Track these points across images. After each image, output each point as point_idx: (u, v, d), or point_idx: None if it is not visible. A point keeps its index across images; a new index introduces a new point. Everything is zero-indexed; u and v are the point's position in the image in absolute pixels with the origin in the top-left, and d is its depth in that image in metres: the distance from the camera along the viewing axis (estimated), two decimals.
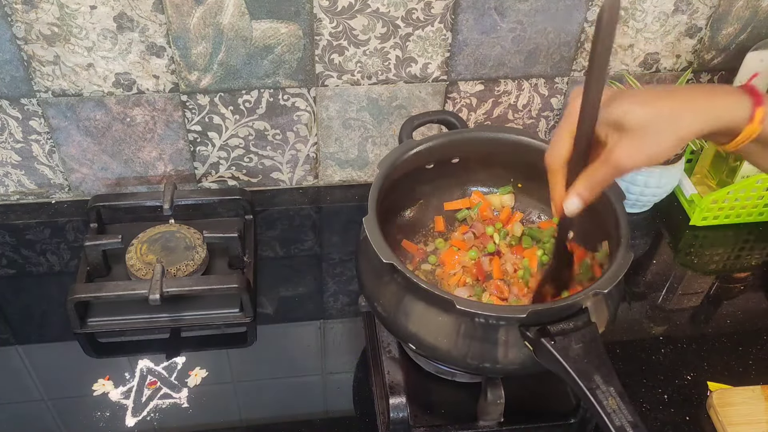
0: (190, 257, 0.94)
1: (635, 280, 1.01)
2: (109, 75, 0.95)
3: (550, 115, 1.10)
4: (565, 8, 0.98)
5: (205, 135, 1.04)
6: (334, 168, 1.12)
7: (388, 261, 0.68)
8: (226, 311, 0.92)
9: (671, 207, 1.12)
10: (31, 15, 0.88)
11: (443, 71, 1.02)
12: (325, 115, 1.05)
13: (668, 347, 0.91)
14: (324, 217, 1.10)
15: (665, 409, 0.84)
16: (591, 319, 0.67)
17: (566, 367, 0.63)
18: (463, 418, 0.79)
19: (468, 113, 1.08)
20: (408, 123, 0.86)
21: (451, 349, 0.69)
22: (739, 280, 1.02)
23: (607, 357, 0.64)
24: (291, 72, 0.99)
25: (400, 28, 0.96)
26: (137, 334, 0.91)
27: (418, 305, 0.70)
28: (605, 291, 0.67)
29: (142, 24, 0.91)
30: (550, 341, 0.64)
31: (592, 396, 0.61)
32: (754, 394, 0.84)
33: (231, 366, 0.88)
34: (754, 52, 1.01)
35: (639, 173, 1.03)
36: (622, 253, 0.71)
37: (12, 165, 1.03)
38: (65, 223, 1.06)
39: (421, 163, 0.84)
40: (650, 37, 1.03)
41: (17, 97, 0.96)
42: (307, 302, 0.96)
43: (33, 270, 0.99)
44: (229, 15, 0.92)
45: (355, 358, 0.89)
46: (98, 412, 0.81)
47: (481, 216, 0.90)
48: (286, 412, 0.83)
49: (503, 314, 0.67)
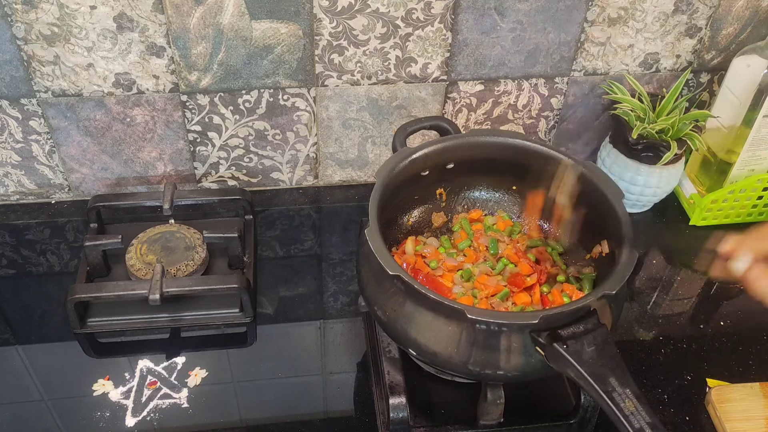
0: (190, 257, 0.94)
1: (635, 279, 1.01)
2: (109, 75, 0.95)
3: (550, 115, 1.10)
4: (565, 8, 0.98)
5: (205, 135, 1.04)
6: (334, 168, 1.12)
7: (394, 273, 0.68)
8: (226, 311, 0.92)
9: (671, 207, 1.12)
10: (31, 15, 0.88)
11: (443, 71, 1.02)
12: (325, 115, 1.05)
13: (668, 347, 0.91)
14: (324, 217, 1.10)
15: (665, 409, 0.84)
16: (600, 321, 0.67)
17: (581, 371, 0.62)
18: (463, 418, 0.79)
19: (468, 113, 1.08)
20: (401, 131, 0.86)
21: (452, 356, 0.69)
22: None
23: (620, 358, 0.64)
24: (291, 72, 0.99)
25: (400, 28, 0.96)
26: (137, 334, 0.91)
27: (421, 312, 0.70)
28: (613, 292, 0.67)
29: (142, 24, 0.91)
30: (563, 345, 0.64)
31: (609, 399, 0.61)
32: (752, 390, 0.84)
33: (231, 366, 0.88)
34: (741, 57, 1.00)
35: (639, 173, 1.03)
36: (627, 253, 0.71)
37: (12, 165, 1.03)
38: (65, 223, 1.06)
39: (417, 170, 0.84)
40: (650, 37, 1.03)
41: (17, 97, 0.96)
42: (307, 302, 0.96)
43: (33, 270, 0.99)
44: (229, 15, 0.92)
45: (355, 358, 0.89)
46: (98, 412, 0.81)
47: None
48: (286, 412, 0.83)
49: (515, 321, 0.67)
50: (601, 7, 0.98)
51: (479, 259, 0.86)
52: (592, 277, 0.83)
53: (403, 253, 0.86)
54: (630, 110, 1.02)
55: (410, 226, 0.90)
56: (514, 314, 0.73)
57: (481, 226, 0.90)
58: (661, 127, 1.00)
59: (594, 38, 1.02)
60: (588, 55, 1.03)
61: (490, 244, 0.87)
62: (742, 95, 0.99)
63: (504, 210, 0.92)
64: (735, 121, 1.01)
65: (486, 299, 0.81)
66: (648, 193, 1.06)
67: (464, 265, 0.85)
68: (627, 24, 1.01)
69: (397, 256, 0.85)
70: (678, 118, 1.00)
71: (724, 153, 1.05)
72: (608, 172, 1.03)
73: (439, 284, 0.81)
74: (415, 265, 0.84)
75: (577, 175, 0.81)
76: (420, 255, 0.86)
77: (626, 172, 1.04)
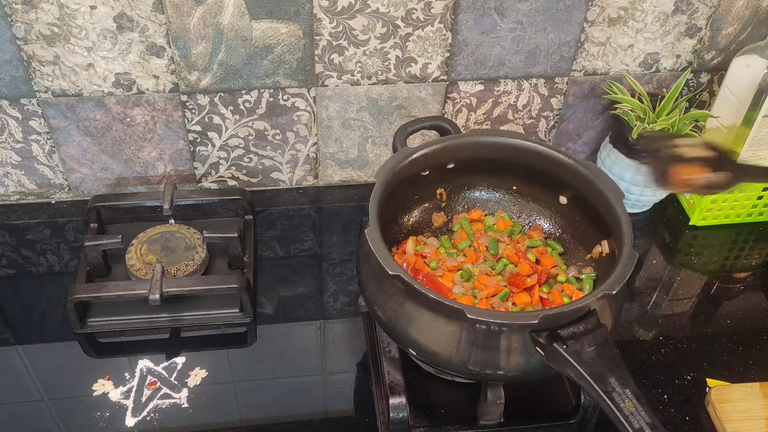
0: (190, 257, 0.94)
1: (635, 279, 1.01)
2: (109, 75, 0.95)
3: (550, 115, 1.10)
4: (565, 8, 0.98)
5: (205, 135, 1.04)
6: (334, 168, 1.12)
7: (394, 273, 0.68)
8: (226, 311, 0.92)
9: (671, 207, 1.12)
10: (31, 15, 0.88)
11: (443, 71, 1.02)
12: (325, 115, 1.05)
13: (668, 347, 0.91)
14: (324, 217, 1.10)
15: (665, 409, 0.84)
16: (600, 321, 0.67)
17: (581, 371, 0.62)
18: (463, 418, 0.79)
19: (468, 113, 1.08)
20: (401, 131, 0.86)
21: (452, 356, 0.69)
22: (739, 280, 1.02)
23: (620, 358, 0.64)
24: (291, 72, 0.99)
25: (400, 28, 0.96)
26: (137, 334, 0.91)
27: (421, 312, 0.70)
28: (613, 292, 0.67)
29: (142, 24, 0.91)
30: (563, 345, 0.64)
31: (608, 399, 0.61)
32: (752, 390, 0.84)
33: (231, 366, 0.88)
34: (741, 57, 1.00)
35: (639, 173, 1.03)
36: (627, 253, 0.71)
37: (12, 165, 1.03)
38: (65, 223, 1.06)
39: (417, 170, 0.84)
40: (650, 37, 1.03)
41: (17, 97, 0.96)
42: (307, 302, 0.96)
43: (33, 270, 0.99)
44: (229, 15, 0.92)
45: (355, 358, 0.89)
46: (98, 412, 0.82)
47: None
48: (286, 412, 0.83)
49: (515, 321, 0.67)
50: (601, 7, 0.98)
51: (479, 259, 0.86)
52: (592, 277, 0.83)
53: (404, 253, 0.86)
54: (630, 110, 1.02)
55: (410, 226, 0.90)
56: (514, 314, 0.73)
57: (482, 226, 0.90)
58: (661, 127, 1.00)
59: (594, 38, 1.02)
60: (588, 55, 1.03)
61: (490, 244, 0.87)
62: (742, 95, 0.99)
63: (504, 210, 0.92)
64: (735, 121, 1.01)
65: (486, 299, 0.81)
66: (648, 193, 1.06)
67: (464, 265, 0.85)
68: (627, 24, 1.01)
69: (397, 256, 0.85)
70: (678, 118, 1.00)
71: None
72: (608, 172, 1.03)
73: (439, 284, 0.81)
74: (415, 265, 0.84)
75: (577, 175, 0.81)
76: (420, 255, 0.86)
77: (626, 172, 1.04)
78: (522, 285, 0.82)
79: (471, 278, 0.83)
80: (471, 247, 0.88)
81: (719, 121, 1.04)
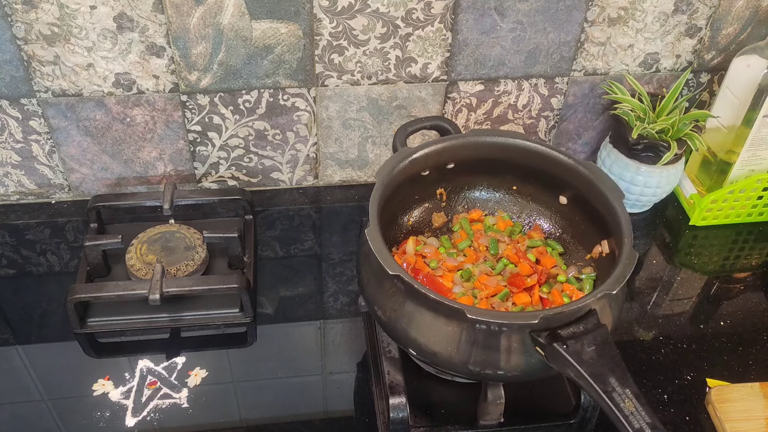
0: (190, 257, 0.94)
1: (635, 279, 1.01)
2: (109, 75, 0.95)
3: (550, 115, 1.10)
4: (565, 8, 0.98)
5: (205, 135, 1.04)
6: (334, 168, 1.12)
7: (394, 273, 0.68)
8: (226, 311, 0.92)
9: (671, 207, 1.12)
10: (31, 15, 0.88)
11: (443, 71, 1.02)
12: (325, 115, 1.05)
13: (668, 347, 0.91)
14: (324, 217, 1.10)
15: (665, 409, 0.84)
16: (600, 321, 0.67)
17: (581, 371, 0.62)
18: (463, 418, 0.79)
19: (468, 113, 1.08)
20: (401, 131, 0.86)
21: (452, 356, 0.69)
22: (739, 280, 1.02)
23: (620, 358, 0.64)
24: (291, 72, 0.99)
25: (400, 28, 0.96)
26: (137, 334, 0.91)
27: (421, 312, 0.70)
28: (613, 292, 0.67)
29: (142, 24, 0.91)
30: (563, 345, 0.64)
31: (608, 399, 0.61)
32: (752, 390, 0.84)
33: (231, 366, 0.88)
34: (741, 57, 1.00)
35: (639, 173, 1.03)
36: (627, 253, 0.71)
37: (12, 165, 1.03)
38: (65, 223, 1.06)
39: (417, 170, 0.84)
40: (650, 37, 1.03)
41: (17, 97, 0.96)
42: (307, 302, 0.96)
43: (33, 270, 0.99)
44: (229, 15, 0.92)
45: (355, 358, 0.89)
46: (98, 412, 0.82)
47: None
48: (286, 412, 0.83)
49: (515, 321, 0.67)
50: (601, 7, 0.98)
51: (479, 259, 0.86)
52: (592, 277, 0.83)
53: (404, 253, 0.86)
54: (630, 110, 1.02)
55: (410, 226, 0.90)
56: (514, 314, 0.73)
57: (482, 226, 0.90)
58: (661, 127, 1.00)
59: (594, 38, 1.02)
60: (588, 55, 1.03)
61: (491, 244, 0.87)
62: (742, 95, 0.99)
63: (504, 210, 0.92)
64: (735, 121, 1.01)
65: (486, 299, 0.81)
66: (648, 193, 1.06)
67: (464, 265, 0.85)
68: (627, 24, 1.01)
69: (397, 256, 0.85)
70: (678, 118, 1.00)
71: (724, 153, 1.05)
72: (608, 172, 1.03)
73: (439, 284, 0.81)
74: (415, 265, 0.84)
75: (577, 175, 0.81)
76: (420, 255, 0.86)
77: (626, 172, 1.04)
78: (522, 285, 0.82)
79: (471, 278, 0.83)
80: (471, 247, 0.88)
81: (719, 121, 1.04)
